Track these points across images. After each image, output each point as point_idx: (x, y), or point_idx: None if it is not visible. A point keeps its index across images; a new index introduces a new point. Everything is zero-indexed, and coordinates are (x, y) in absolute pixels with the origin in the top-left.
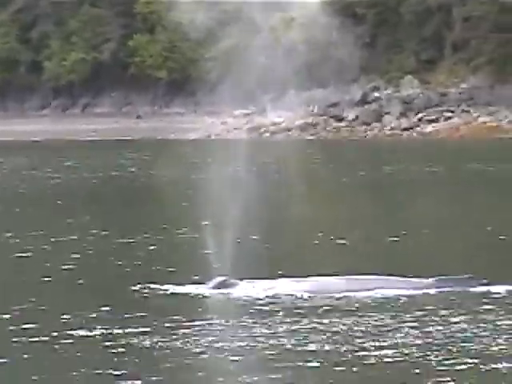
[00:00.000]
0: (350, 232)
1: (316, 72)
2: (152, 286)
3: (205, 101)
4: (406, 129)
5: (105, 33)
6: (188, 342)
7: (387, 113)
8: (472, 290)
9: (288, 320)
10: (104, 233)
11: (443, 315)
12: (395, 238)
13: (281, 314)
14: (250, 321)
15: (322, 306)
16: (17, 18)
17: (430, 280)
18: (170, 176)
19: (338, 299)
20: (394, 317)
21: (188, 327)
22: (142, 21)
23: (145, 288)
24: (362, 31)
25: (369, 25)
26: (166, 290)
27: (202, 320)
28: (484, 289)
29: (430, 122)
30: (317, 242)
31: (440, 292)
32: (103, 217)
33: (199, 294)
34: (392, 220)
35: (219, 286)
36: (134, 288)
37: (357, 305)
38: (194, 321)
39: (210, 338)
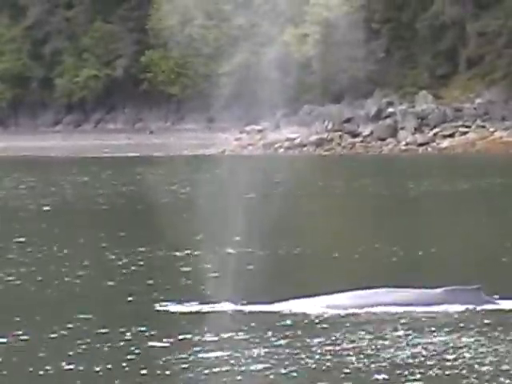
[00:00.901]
0: (370, 245)
1: (330, 87)
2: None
3: (217, 117)
4: (421, 144)
5: (117, 49)
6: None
7: (402, 128)
8: (481, 301)
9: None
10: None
11: (450, 330)
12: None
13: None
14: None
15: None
16: (29, 34)
17: (438, 290)
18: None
19: (342, 316)
20: (394, 332)
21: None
22: (155, 36)
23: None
24: (376, 46)
25: (383, 39)
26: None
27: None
28: (493, 300)
29: (446, 137)
30: (338, 254)
31: (448, 303)
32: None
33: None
34: (419, 234)
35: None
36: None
37: (360, 320)
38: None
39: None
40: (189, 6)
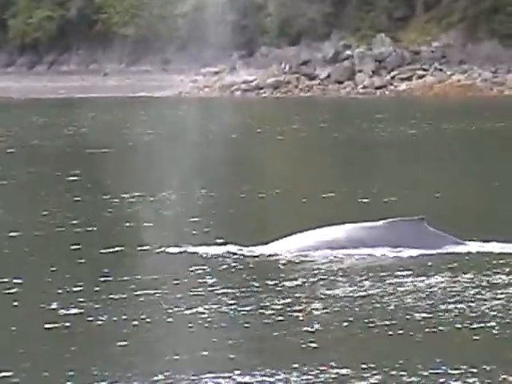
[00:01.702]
0: (324, 188)
1: (287, 29)
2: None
3: (173, 59)
4: (379, 87)
5: None
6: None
7: (360, 71)
8: (424, 232)
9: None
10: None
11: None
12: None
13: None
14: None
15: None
16: None
17: (381, 223)
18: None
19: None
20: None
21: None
22: None
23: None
24: None
25: None
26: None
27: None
28: (437, 231)
29: (403, 80)
30: (301, 198)
31: (391, 235)
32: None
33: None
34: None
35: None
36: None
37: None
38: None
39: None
40: None
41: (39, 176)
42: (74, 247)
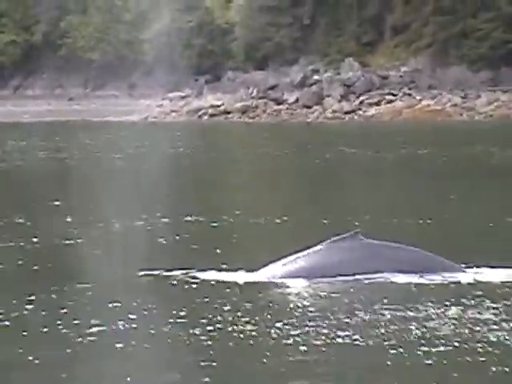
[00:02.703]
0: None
1: (254, 54)
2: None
3: (139, 83)
4: (347, 112)
5: (36, 14)
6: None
7: (328, 96)
8: (361, 245)
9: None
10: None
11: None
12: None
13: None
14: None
15: None
16: None
17: (319, 247)
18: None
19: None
20: None
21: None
22: (74, 2)
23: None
24: (301, 13)
25: (308, 6)
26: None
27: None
28: (374, 243)
29: (372, 105)
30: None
31: (331, 254)
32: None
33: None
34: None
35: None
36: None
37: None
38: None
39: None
40: None
41: None
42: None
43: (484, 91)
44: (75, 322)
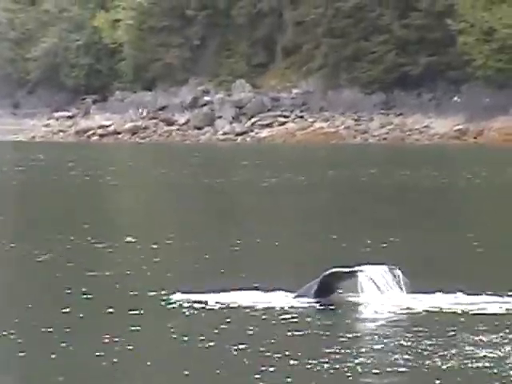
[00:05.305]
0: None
1: (142, 74)
2: None
3: (23, 102)
4: (239, 133)
5: None
6: None
7: (219, 117)
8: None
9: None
10: None
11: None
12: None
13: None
14: None
15: None
16: None
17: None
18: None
19: None
20: None
21: None
22: None
23: None
24: (191, 33)
25: (199, 27)
26: None
27: None
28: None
29: (264, 126)
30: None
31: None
32: None
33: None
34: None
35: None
36: None
37: None
38: None
39: None
40: None
41: None
42: None
43: (377, 114)
44: None
